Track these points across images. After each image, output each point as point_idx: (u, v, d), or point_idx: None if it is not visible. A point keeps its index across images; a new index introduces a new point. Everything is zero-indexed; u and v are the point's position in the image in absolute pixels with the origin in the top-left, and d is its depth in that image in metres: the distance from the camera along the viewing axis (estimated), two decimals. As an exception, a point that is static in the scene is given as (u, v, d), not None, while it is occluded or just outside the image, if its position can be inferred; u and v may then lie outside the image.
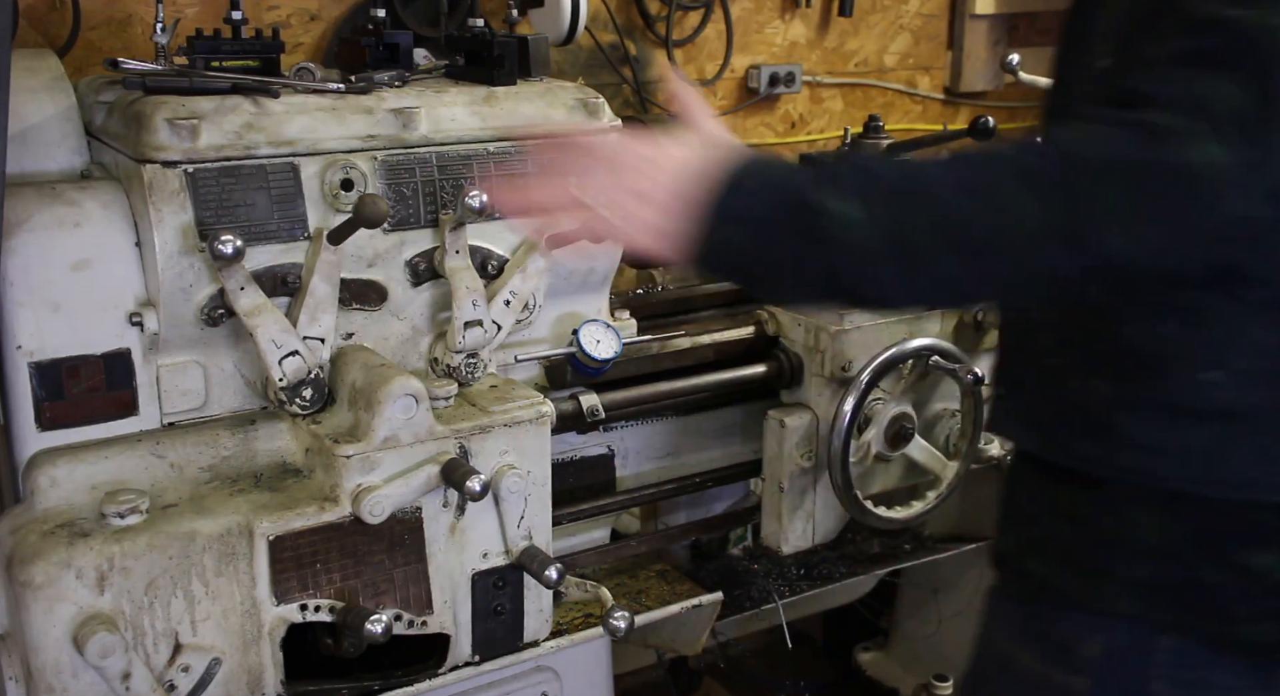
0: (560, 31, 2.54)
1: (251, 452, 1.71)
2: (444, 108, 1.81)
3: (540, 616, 1.83)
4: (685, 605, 2.06)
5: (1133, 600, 1.39)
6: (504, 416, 1.72)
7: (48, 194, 1.64)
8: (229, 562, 1.57)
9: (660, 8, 3.02)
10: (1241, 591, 1.35)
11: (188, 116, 1.62)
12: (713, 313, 2.43)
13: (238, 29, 1.78)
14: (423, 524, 1.68)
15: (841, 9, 3.28)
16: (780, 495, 2.17)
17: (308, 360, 1.67)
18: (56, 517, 1.55)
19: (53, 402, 1.62)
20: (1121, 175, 1.10)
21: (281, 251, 1.68)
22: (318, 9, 2.57)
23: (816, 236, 1.10)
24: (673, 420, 2.22)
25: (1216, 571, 1.35)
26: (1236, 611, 1.36)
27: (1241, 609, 1.36)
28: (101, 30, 2.35)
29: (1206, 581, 1.36)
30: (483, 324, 1.78)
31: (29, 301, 1.58)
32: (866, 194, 1.10)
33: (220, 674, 1.59)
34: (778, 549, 2.23)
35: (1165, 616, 1.38)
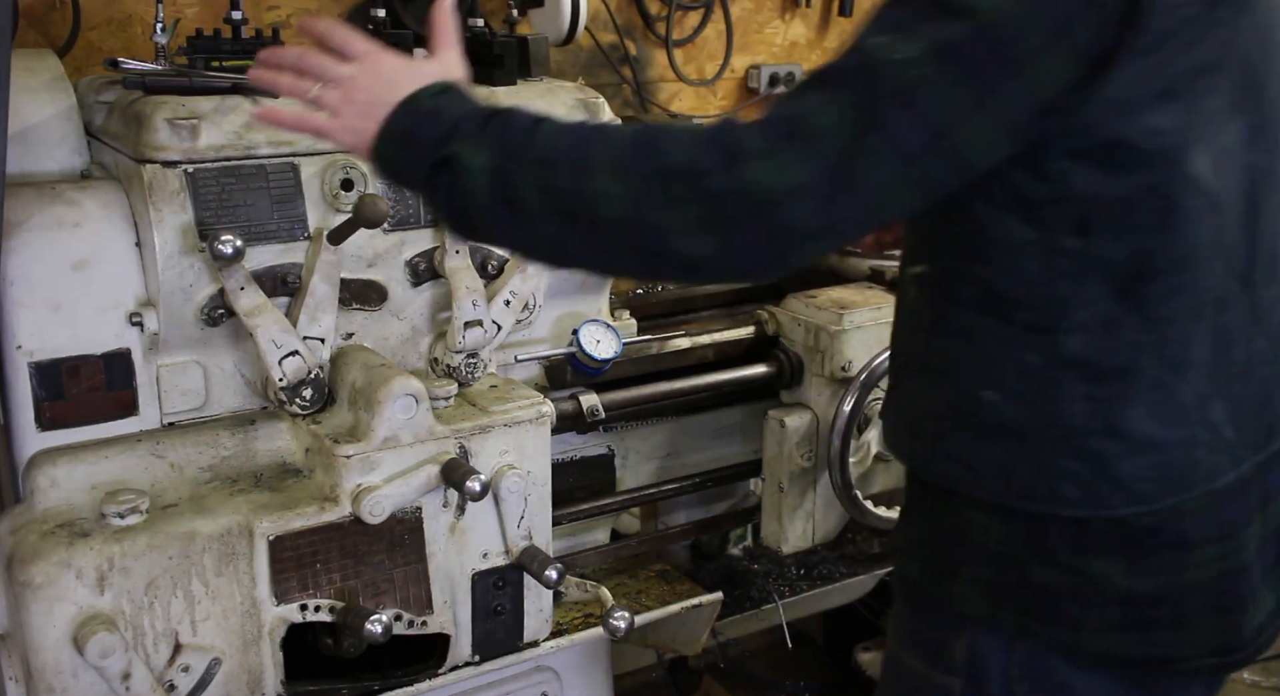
0: (560, 31, 2.54)
1: (251, 452, 1.71)
2: (444, 108, 1.81)
3: (540, 616, 1.83)
4: (685, 605, 2.06)
5: (981, 603, 1.40)
6: (504, 416, 1.72)
7: (48, 194, 1.64)
8: (229, 562, 1.57)
9: (660, 8, 3.02)
10: (1082, 598, 1.36)
11: (188, 116, 1.62)
12: (713, 312, 2.43)
13: (238, 29, 1.78)
14: (423, 524, 1.68)
15: (841, 9, 3.28)
16: (780, 495, 2.17)
17: (308, 360, 1.67)
18: (56, 517, 1.55)
19: (53, 402, 1.62)
20: (689, 185, 1.16)
21: (281, 251, 1.68)
22: (317, 9, 2.57)
23: (442, 172, 1.22)
24: (673, 420, 2.22)
25: (1052, 576, 1.36)
26: (1082, 619, 1.36)
27: (1087, 617, 1.36)
28: (101, 30, 2.35)
29: (1045, 586, 1.36)
30: (483, 324, 1.78)
31: (29, 301, 1.58)
32: (498, 146, 1.20)
33: (220, 674, 1.59)
34: (778, 549, 2.23)
35: (1011, 620, 1.39)
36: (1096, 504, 1.32)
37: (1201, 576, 1.35)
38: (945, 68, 1.12)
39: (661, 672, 2.74)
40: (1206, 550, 1.35)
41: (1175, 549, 1.34)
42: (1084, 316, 1.26)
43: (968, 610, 1.42)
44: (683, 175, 1.16)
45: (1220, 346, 1.30)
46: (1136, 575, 1.34)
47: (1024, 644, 1.39)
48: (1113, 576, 1.34)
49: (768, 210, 1.15)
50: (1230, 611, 1.38)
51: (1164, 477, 1.31)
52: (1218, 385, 1.31)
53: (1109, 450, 1.30)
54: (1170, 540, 1.34)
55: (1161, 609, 1.36)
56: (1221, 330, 1.29)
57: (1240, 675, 3.32)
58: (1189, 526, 1.34)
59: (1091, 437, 1.30)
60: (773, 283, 2.58)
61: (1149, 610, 1.36)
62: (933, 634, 1.47)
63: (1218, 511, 1.35)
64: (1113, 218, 1.22)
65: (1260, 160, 1.27)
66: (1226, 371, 1.31)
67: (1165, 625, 1.36)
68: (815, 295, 2.21)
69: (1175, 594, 1.35)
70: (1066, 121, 1.18)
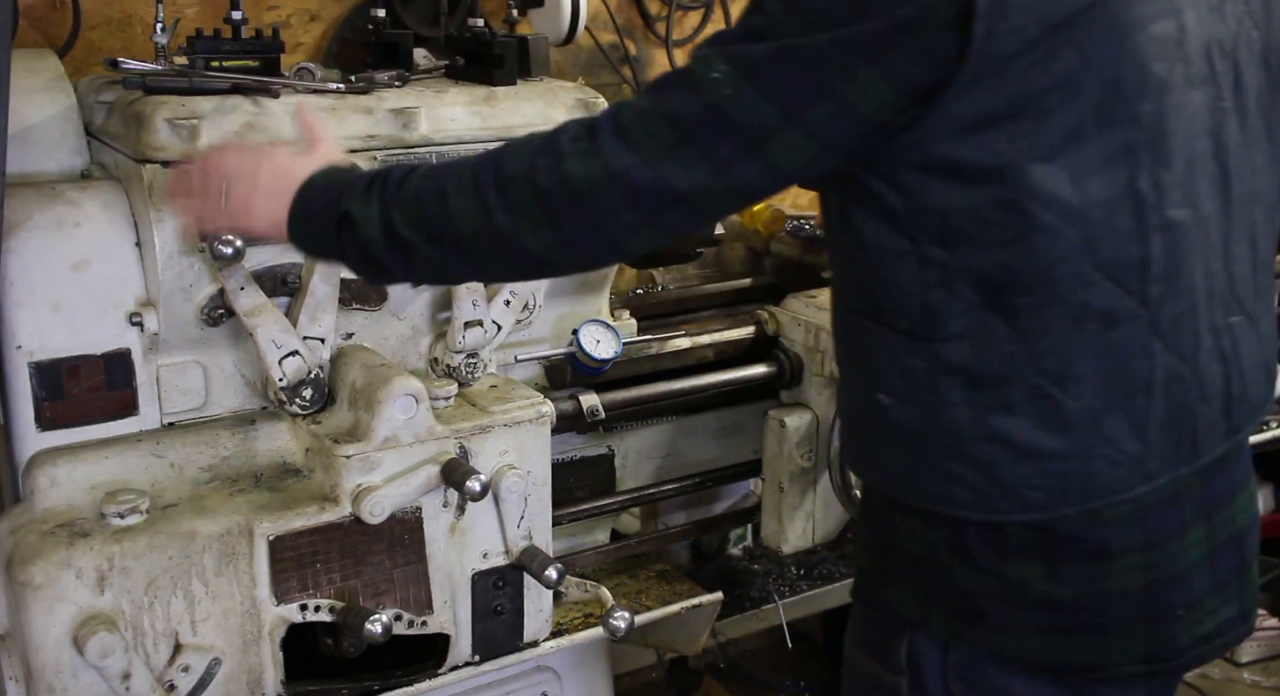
0: (560, 31, 2.53)
1: (251, 452, 1.71)
2: (444, 108, 1.81)
3: (540, 616, 1.83)
4: (685, 605, 2.06)
5: (914, 606, 1.44)
6: (504, 416, 1.72)
7: (48, 194, 1.64)
8: (229, 562, 1.57)
9: (660, 8, 3.02)
10: (1004, 601, 1.38)
11: (188, 116, 1.62)
12: (713, 312, 2.43)
13: (238, 29, 1.78)
14: (423, 524, 1.68)
15: (841, 9, 3.27)
16: (780, 495, 2.17)
17: (308, 360, 1.67)
18: (56, 517, 1.55)
19: (53, 402, 1.62)
20: (523, 186, 1.28)
21: (281, 251, 1.68)
22: (318, 9, 2.57)
23: (344, 231, 1.37)
24: (673, 420, 2.22)
25: (975, 580, 1.38)
26: (1005, 622, 1.38)
27: (1010, 620, 1.38)
28: (101, 30, 2.35)
29: (969, 590, 1.39)
30: (483, 324, 1.78)
31: (29, 301, 1.58)
32: (379, 198, 1.35)
33: (220, 674, 1.59)
34: (778, 549, 2.23)
35: (941, 623, 1.41)
36: (989, 509, 1.34)
37: (1126, 585, 1.37)
38: (753, 86, 1.20)
39: (661, 672, 2.74)
40: (1129, 559, 1.36)
41: (1096, 557, 1.36)
42: (958, 325, 1.29)
43: (903, 612, 1.45)
44: (519, 179, 1.28)
45: (1113, 361, 1.30)
46: (1056, 581, 1.36)
47: (957, 645, 1.41)
48: (1033, 581, 1.36)
49: (585, 200, 1.26)
50: (1160, 620, 1.39)
51: (1055, 487, 1.33)
52: (1113, 399, 1.31)
53: (994, 456, 1.32)
54: (1090, 548, 1.35)
55: (1083, 615, 1.37)
56: (1113, 345, 1.30)
57: (1240, 675, 3.32)
58: (1108, 535, 1.35)
59: (977, 443, 1.32)
60: (773, 283, 2.58)
61: (1071, 616, 1.37)
62: (880, 634, 1.50)
63: (1141, 521, 1.36)
64: (969, 230, 1.25)
65: (1145, 178, 1.27)
66: (1124, 386, 1.31)
67: (1088, 631, 1.38)
68: (815, 295, 2.21)
69: (1097, 600, 1.37)
70: (905, 139, 1.21)
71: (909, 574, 1.44)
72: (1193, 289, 1.33)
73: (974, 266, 1.26)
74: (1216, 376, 1.38)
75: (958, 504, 1.35)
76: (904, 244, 1.29)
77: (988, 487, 1.33)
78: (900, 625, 1.46)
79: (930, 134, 1.20)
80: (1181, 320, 1.33)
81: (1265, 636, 3.35)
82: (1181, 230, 1.30)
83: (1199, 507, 1.40)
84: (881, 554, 1.49)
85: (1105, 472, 1.33)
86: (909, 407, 1.35)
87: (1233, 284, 1.38)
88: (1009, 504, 1.33)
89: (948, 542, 1.39)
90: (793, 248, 2.62)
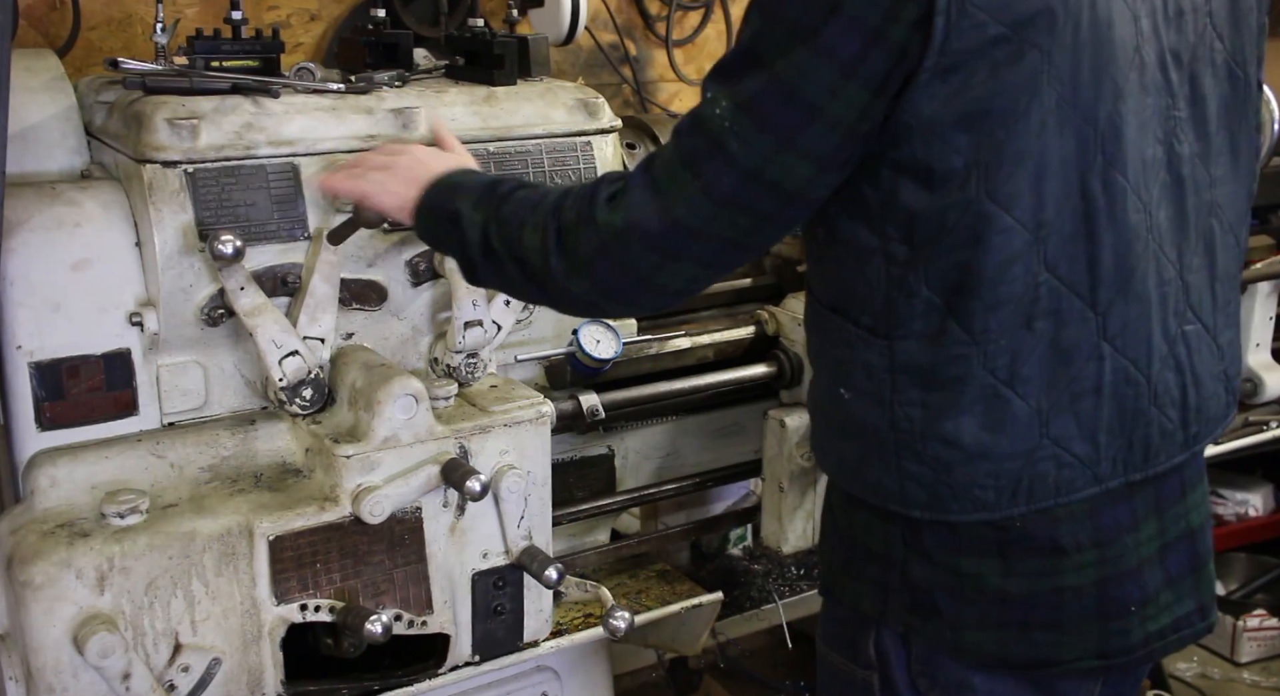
0: (560, 31, 2.54)
1: (251, 452, 1.71)
2: (444, 108, 1.81)
3: (540, 616, 1.83)
4: (685, 605, 2.06)
5: (874, 601, 1.46)
6: (504, 416, 1.72)
7: (48, 194, 1.64)
8: (229, 562, 1.57)
9: (660, 8, 3.03)
10: (959, 596, 1.39)
11: (188, 116, 1.62)
12: (713, 312, 2.42)
13: (238, 29, 1.78)
14: (423, 524, 1.68)
15: (841, 9, 3.28)
16: (780, 495, 2.17)
17: (308, 360, 1.67)
18: (56, 517, 1.55)
19: (53, 403, 1.62)
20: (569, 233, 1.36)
21: (281, 251, 1.68)
22: (318, 9, 2.57)
23: (452, 226, 1.48)
24: (673, 420, 2.22)
25: (930, 575, 1.40)
26: (960, 617, 1.40)
27: (965, 615, 1.40)
28: (101, 30, 2.35)
29: (923, 584, 1.41)
30: (483, 324, 1.78)
31: (29, 301, 1.58)
32: (483, 207, 1.45)
33: (220, 674, 1.59)
34: (778, 549, 2.23)
35: (898, 618, 1.43)
36: (941, 508, 1.36)
37: (1079, 581, 1.38)
38: (748, 118, 1.25)
39: (661, 672, 2.74)
40: (1082, 555, 1.38)
41: (1048, 553, 1.37)
42: (917, 325, 1.32)
43: (863, 607, 1.47)
44: (568, 226, 1.36)
45: (1061, 363, 1.32)
46: (1010, 576, 1.38)
47: (917, 640, 1.43)
48: (988, 576, 1.38)
49: (612, 247, 1.33)
50: (1113, 616, 1.41)
51: (1004, 487, 1.34)
52: (1061, 401, 1.33)
53: (945, 456, 1.34)
54: (1042, 545, 1.37)
55: (1037, 610, 1.39)
56: (1060, 347, 1.32)
57: (1241, 675, 3.32)
58: (1060, 533, 1.37)
59: (930, 442, 1.34)
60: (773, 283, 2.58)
61: (1025, 612, 1.39)
62: (847, 631, 1.52)
63: (1093, 518, 1.38)
64: (932, 229, 1.27)
65: (1096, 179, 1.28)
66: (1071, 388, 1.33)
67: (1042, 627, 1.39)
68: (815, 295, 2.21)
69: (1050, 596, 1.39)
70: (881, 137, 1.25)
71: (867, 568, 1.46)
72: (1145, 295, 1.34)
73: (934, 265, 1.28)
74: (1172, 385, 1.39)
75: (910, 502, 1.37)
76: (874, 240, 1.31)
77: (939, 487, 1.35)
78: (866, 621, 1.48)
79: (902, 132, 1.23)
80: (1132, 325, 1.34)
81: (1265, 636, 3.35)
82: (1133, 233, 1.32)
83: (1150, 505, 1.42)
84: (843, 548, 1.51)
85: (1054, 473, 1.35)
86: (867, 402, 1.38)
87: (1187, 293, 1.40)
88: (960, 503, 1.35)
89: (903, 537, 1.41)
90: (793, 248, 2.62)
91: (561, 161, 1.88)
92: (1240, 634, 3.32)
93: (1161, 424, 1.39)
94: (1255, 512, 3.57)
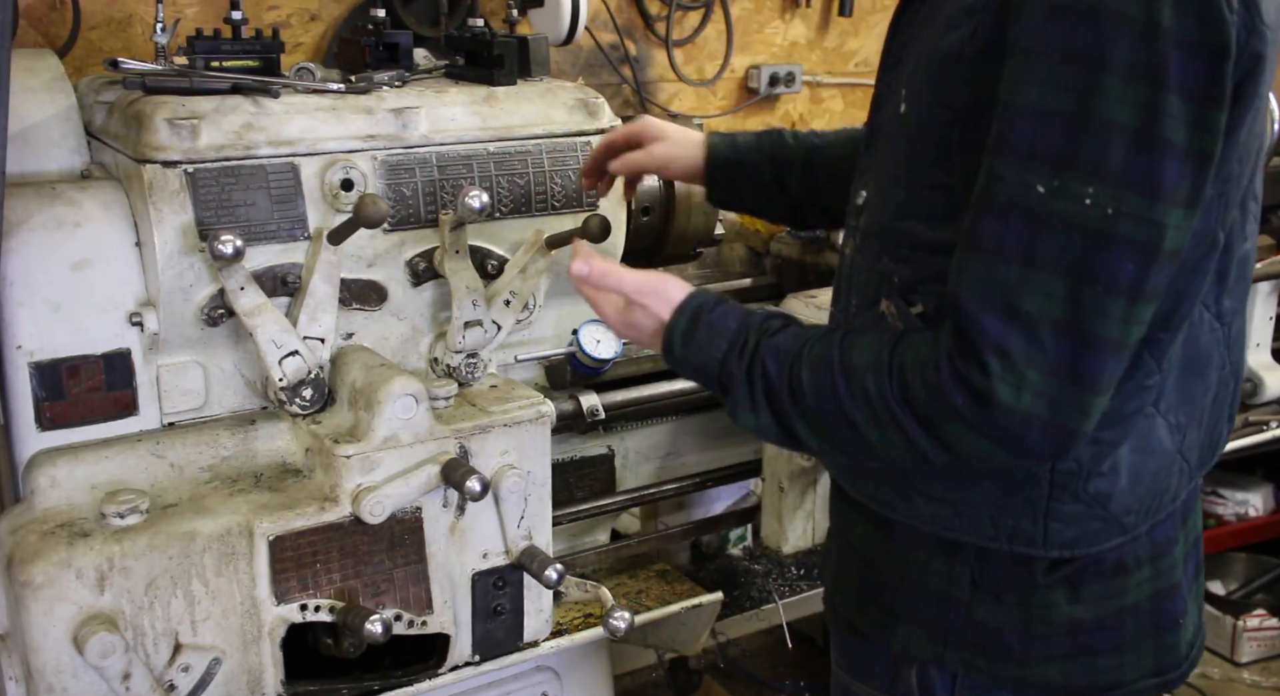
0: (560, 31, 2.54)
1: (251, 452, 1.71)
2: (444, 108, 1.81)
3: (540, 616, 1.83)
4: (685, 605, 2.06)
5: (926, 644, 1.40)
6: (504, 416, 1.72)
7: (48, 194, 1.64)
8: (229, 562, 1.57)
9: (660, 8, 3.03)
10: (1029, 632, 1.36)
11: (188, 116, 1.62)
12: (713, 313, 2.42)
13: (238, 29, 1.78)
14: (423, 524, 1.68)
15: (841, 9, 3.28)
16: (780, 495, 2.17)
17: (308, 360, 1.67)
18: (56, 517, 1.55)
19: (53, 402, 1.62)
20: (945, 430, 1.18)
21: (281, 251, 1.68)
22: (318, 9, 2.57)
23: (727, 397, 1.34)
24: (673, 420, 2.22)
25: (998, 613, 1.36)
26: (1029, 654, 1.36)
27: (1034, 650, 1.36)
28: (101, 30, 2.35)
29: (991, 624, 1.36)
30: (483, 324, 1.78)
31: (29, 301, 1.58)
32: (766, 402, 1.29)
33: (220, 674, 1.59)
34: (778, 549, 2.23)
35: (957, 658, 1.39)
36: (1089, 543, 1.32)
37: (1138, 598, 1.37)
38: (1133, 192, 1.09)
39: (661, 672, 2.74)
40: (1141, 572, 1.36)
41: (1114, 574, 1.35)
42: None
43: (914, 650, 1.41)
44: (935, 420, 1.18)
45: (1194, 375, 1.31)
46: (1079, 603, 1.35)
47: (976, 677, 1.39)
48: (1059, 606, 1.35)
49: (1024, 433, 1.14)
50: (1166, 630, 1.40)
51: (1145, 508, 1.33)
52: (1193, 414, 1.32)
53: (1107, 489, 1.29)
54: (1109, 567, 1.35)
55: (1103, 635, 1.36)
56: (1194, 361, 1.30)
57: (1241, 675, 3.31)
58: (1124, 551, 1.35)
59: (1093, 479, 1.29)
60: (773, 283, 2.58)
61: (1091, 638, 1.36)
62: (881, 666, 1.47)
63: (1149, 534, 1.36)
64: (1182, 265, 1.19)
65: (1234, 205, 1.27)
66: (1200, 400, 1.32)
67: (1107, 651, 1.37)
68: (815, 295, 2.20)
69: (1115, 618, 1.37)
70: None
71: (921, 610, 1.40)
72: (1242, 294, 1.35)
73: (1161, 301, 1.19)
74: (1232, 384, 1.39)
75: (1052, 543, 1.31)
76: None
77: (1092, 522, 1.30)
78: (902, 658, 1.43)
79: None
80: (1239, 329, 1.35)
81: (1265, 636, 3.35)
82: (1245, 255, 1.32)
83: (1182, 515, 1.41)
84: (880, 590, 1.45)
85: (1175, 484, 1.33)
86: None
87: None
88: (1108, 533, 1.31)
89: (971, 577, 1.36)
90: (793, 248, 2.62)
91: (561, 161, 1.88)
92: (1240, 634, 3.33)
93: (1228, 424, 1.40)
94: (1255, 512, 3.57)
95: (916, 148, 1.27)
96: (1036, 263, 1.11)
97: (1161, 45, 1.06)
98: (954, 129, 1.21)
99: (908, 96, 1.29)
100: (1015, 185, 1.11)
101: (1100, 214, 1.09)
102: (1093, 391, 1.13)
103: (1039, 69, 1.10)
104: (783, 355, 1.28)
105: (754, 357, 1.30)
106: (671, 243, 2.17)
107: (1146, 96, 1.07)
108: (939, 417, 1.17)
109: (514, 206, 1.84)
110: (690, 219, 2.15)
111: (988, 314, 1.12)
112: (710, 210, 2.17)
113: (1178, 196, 1.10)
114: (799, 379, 1.26)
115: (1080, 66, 1.08)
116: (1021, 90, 1.11)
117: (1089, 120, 1.08)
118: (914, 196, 1.28)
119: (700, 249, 2.24)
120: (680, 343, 1.36)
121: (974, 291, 1.14)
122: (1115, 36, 1.07)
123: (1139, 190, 1.09)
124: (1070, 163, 1.09)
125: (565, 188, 1.88)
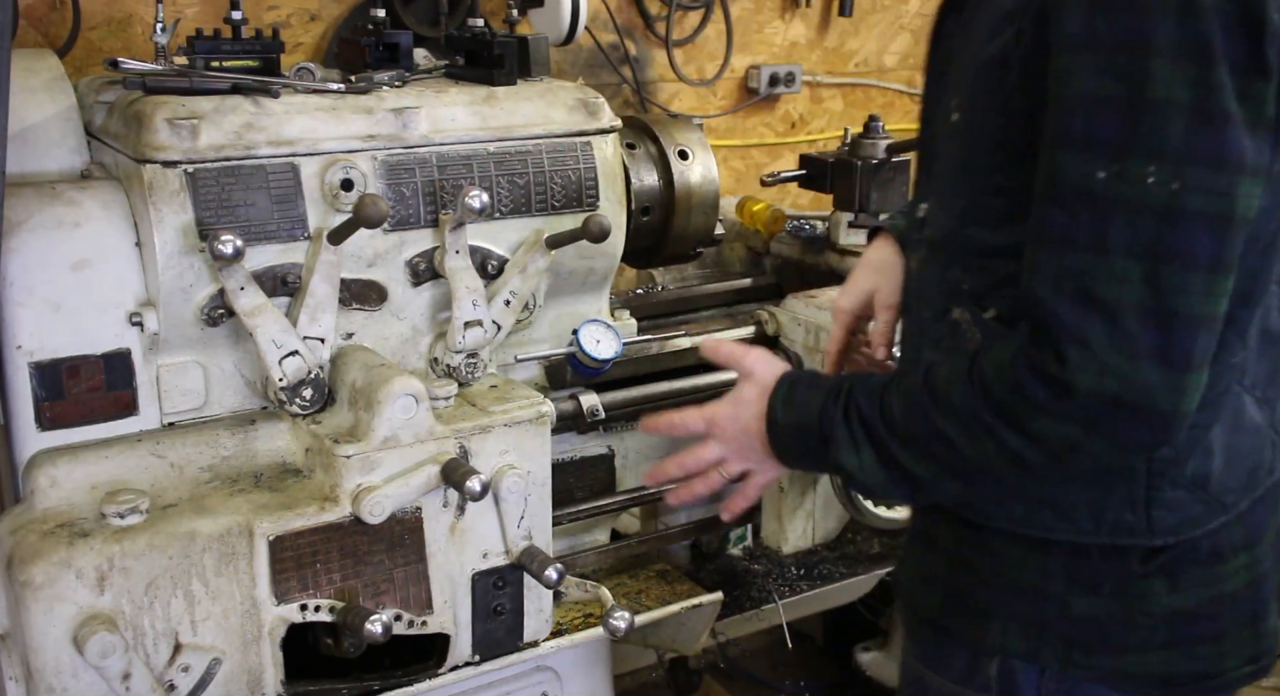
0: (560, 31, 2.54)
1: (251, 452, 1.71)
2: (444, 108, 1.81)
3: (540, 616, 1.83)
4: (685, 605, 2.06)
5: (1020, 640, 1.39)
6: (504, 416, 1.72)
7: (48, 194, 1.64)
8: (229, 562, 1.57)
9: (660, 8, 3.03)
10: (1127, 623, 1.35)
11: (188, 116, 1.62)
12: (713, 313, 2.43)
13: (238, 29, 1.78)
14: (423, 524, 1.68)
15: (841, 9, 3.28)
16: (780, 495, 2.17)
17: (308, 360, 1.67)
18: (56, 517, 1.55)
19: (53, 402, 1.62)
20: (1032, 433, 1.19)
21: (281, 251, 1.68)
22: (318, 9, 2.57)
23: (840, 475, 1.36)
24: (673, 420, 2.22)
25: (1096, 606, 1.35)
26: (1127, 644, 1.36)
27: (1132, 641, 1.36)
28: (101, 30, 2.35)
29: (1088, 617, 1.35)
30: (483, 324, 1.78)
31: (29, 301, 1.58)
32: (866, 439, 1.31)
33: (220, 674, 1.59)
34: (778, 549, 2.23)
35: (1053, 653, 1.38)
36: (1194, 525, 1.31)
37: (1236, 586, 1.36)
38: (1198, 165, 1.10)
39: (661, 672, 2.74)
40: (1237, 560, 1.36)
41: (1211, 562, 1.34)
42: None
43: (1007, 646, 1.40)
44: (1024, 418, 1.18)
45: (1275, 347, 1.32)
46: (1178, 592, 1.34)
47: (1072, 671, 1.37)
48: (1157, 596, 1.34)
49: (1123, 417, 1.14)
50: (1260, 618, 1.39)
51: (1242, 486, 1.32)
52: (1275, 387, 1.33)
53: (1203, 470, 1.29)
54: (1204, 555, 1.34)
55: (1200, 623, 1.35)
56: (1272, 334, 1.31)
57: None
58: (1220, 538, 1.34)
59: (1189, 462, 1.29)
60: (773, 283, 2.58)
61: (1190, 627, 1.35)
62: (961, 659, 1.45)
63: (1244, 520, 1.35)
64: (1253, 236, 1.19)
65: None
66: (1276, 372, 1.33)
67: (1205, 639, 1.36)
68: (815, 295, 2.21)
69: (1212, 606, 1.35)
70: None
71: (1012, 607, 1.39)
72: None
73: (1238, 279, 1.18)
74: None
75: (1157, 531, 1.31)
76: None
77: (1194, 506, 1.30)
78: (987, 654, 1.42)
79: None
80: None
81: None
82: None
83: (1272, 501, 1.40)
84: (970, 588, 1.43)
85: (1270, 458, 1.34)
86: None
87: None
88: (1212, 514, 1.31)
89: (1065, 571, 1.35)
90: (793, 248, 2.62)
91: (561, 161, 1.88)
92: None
93: None
94: None
95: (973, 155, 1.29)
96: (1108, 248, 1.11)
97: (1201, 23, 1.08)
98: (1008, 133, 1.23)
99: (959, 106, 1.32)
100: (1076, 175, 1.13)
101: (1165, 192, 1.09)
102: (1186, 370, 1.12)
103: (1086, 61, 1.11)
104: (872, 390, 1.31)
105: (849, 399, 1.32)
106: (671, 243, 2.17)
107: (1195, 73, 1.09)
108: (1025, 414, 1.17)
109: (514, 206, 1.84)
110: (690, 219, 2.15)
111: (1063, 305, 1.13)
112: (710, 210, 2.16)
113: (1242, 164, 1.11)
114: (890, 407, 1.28)
115: (1126, 53, 1.10)
116: (1072, 82, 1.13)
117: (1142, 102, 1.09)
118: (975, 203, 1.30)
119: (700, 249, 2.24)
120: (781, 409, 1.40)
121: (1048, 284, 1.14)
122: (1157, 20, 1.09)
123: (1201, 163, 1.09)
124: (1128, 146, 1.10)
125: (565, 187, 1.88)
